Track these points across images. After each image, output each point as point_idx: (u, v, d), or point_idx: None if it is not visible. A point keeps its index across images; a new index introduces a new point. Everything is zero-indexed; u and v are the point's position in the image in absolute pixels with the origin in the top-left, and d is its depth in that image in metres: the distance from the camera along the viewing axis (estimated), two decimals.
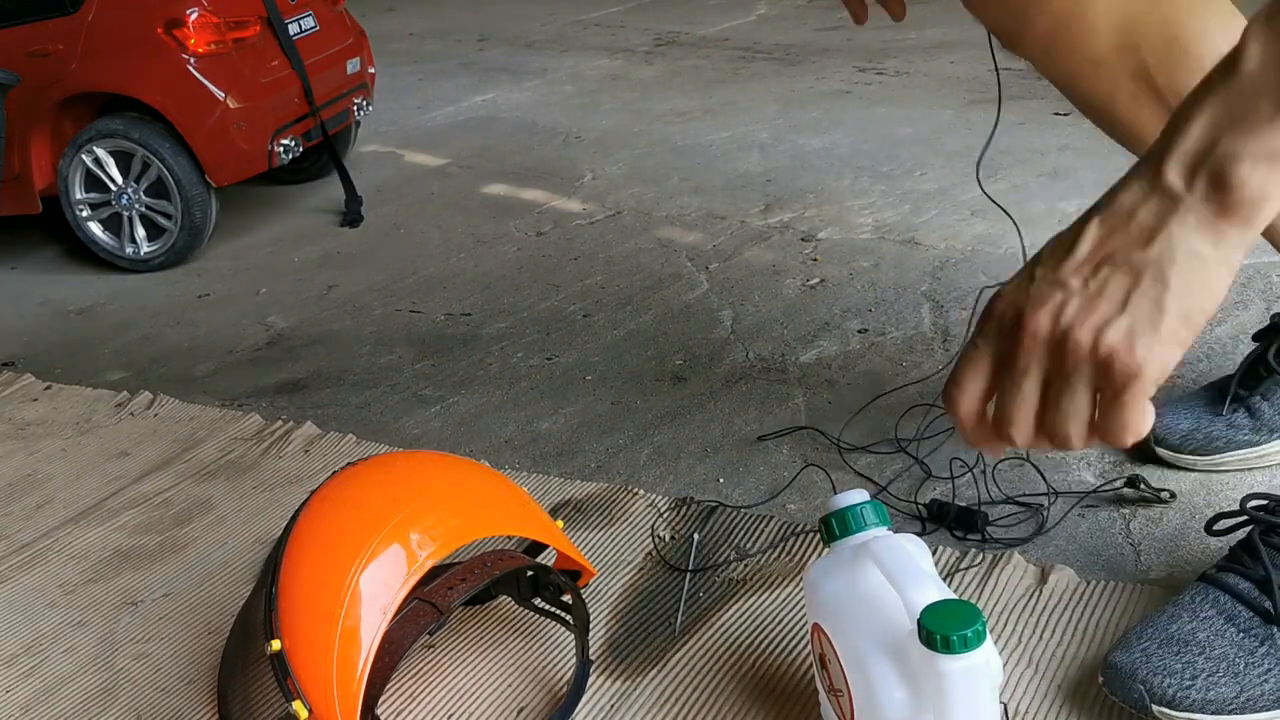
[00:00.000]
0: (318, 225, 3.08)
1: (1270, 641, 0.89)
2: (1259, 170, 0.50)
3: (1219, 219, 0.51)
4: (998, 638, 1.03)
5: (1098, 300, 0.52)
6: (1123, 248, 0.52)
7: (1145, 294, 0.52)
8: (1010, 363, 0.56)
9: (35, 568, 1.40)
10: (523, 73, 4.83)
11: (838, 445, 1.41)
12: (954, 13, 1.20)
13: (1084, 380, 0.53)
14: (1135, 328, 0.51)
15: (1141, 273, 0.52)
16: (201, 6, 2.88)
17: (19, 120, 2.86)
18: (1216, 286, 0.51)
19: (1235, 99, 0.50)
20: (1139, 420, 0.53)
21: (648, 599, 1.16)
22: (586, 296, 2.16)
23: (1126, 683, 0.88)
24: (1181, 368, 1.49)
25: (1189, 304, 0.51)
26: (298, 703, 0.89)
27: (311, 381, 1.95)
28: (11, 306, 2.71)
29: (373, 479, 1.04)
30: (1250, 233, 0.51)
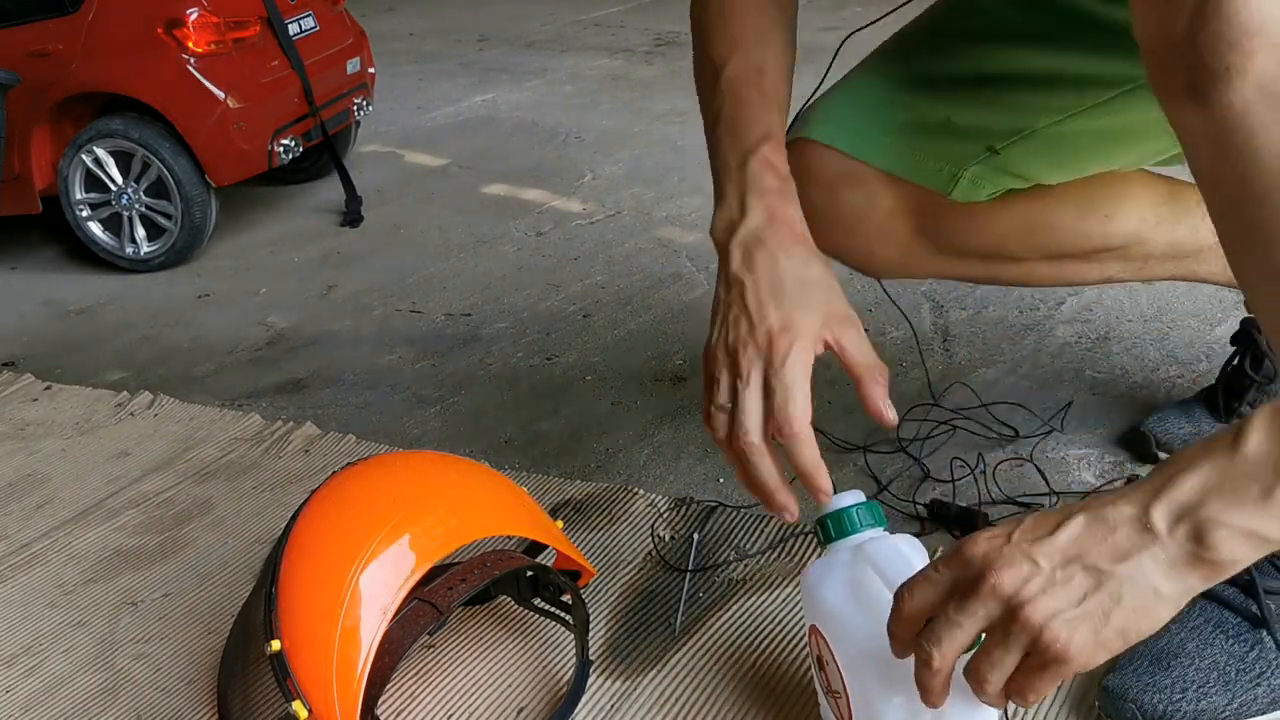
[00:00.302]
0: (318, 225, 3.08)
1: (1259, 646, 0.89)
2: (1234, 540, 0.56)
3: (1185, 567, 0.57)
4: None
5: (1059, 589, 0.58)
6: (1096, 554, 0.58)
7: (1099, 602, 0.58)
8: (961, 602, 0.61)
9: (35, 568, 1.40)
10: (523, 73, 4.84)
11: (838, 445, 1.41)
12: None
13: (1019, 646, 0.59)
14: (1078, 625, 0.58)
15: (1103, 583, 0.58)
16: (201, 6, 2.88)
17: (19, 120, 2.86)
18: (1157, 619, 0.58)
19: (1230, 472, 0.56)
20: (1048, 691, 0.60)
21: (648, 599, 1.16)
22: (586, 296, 2.16)
23: (1119, 704, 0.88)
24: (1181, 369, 1.49)
25: (1130, 625, 0.58)
26: (298, 703, 0.88)
27: (311, 381, 1.95)
28: (11, 306, 2.71)
29: (373, 479, 1.04)
30: (1204, 586, 0.57)
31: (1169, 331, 1.59)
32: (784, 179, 0.84)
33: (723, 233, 0.83)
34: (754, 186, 0.83)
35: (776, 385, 0.75)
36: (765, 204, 0.82)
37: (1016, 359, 1.57)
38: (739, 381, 0.76)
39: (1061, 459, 1.31)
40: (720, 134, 0.88)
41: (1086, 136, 1.02)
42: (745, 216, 0.81)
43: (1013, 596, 0.59)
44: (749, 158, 0.84)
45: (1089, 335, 1.61)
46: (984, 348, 1.61)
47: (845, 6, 5.06)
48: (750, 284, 0.78)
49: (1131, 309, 1.65)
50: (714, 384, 0.78)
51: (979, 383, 1.51)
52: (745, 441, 0.75)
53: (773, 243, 0.79)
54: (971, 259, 1.14)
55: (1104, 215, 1.10)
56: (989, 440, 1.36)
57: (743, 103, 0.88)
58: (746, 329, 0.77)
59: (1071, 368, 1.53)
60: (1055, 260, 1.14)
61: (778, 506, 0.77)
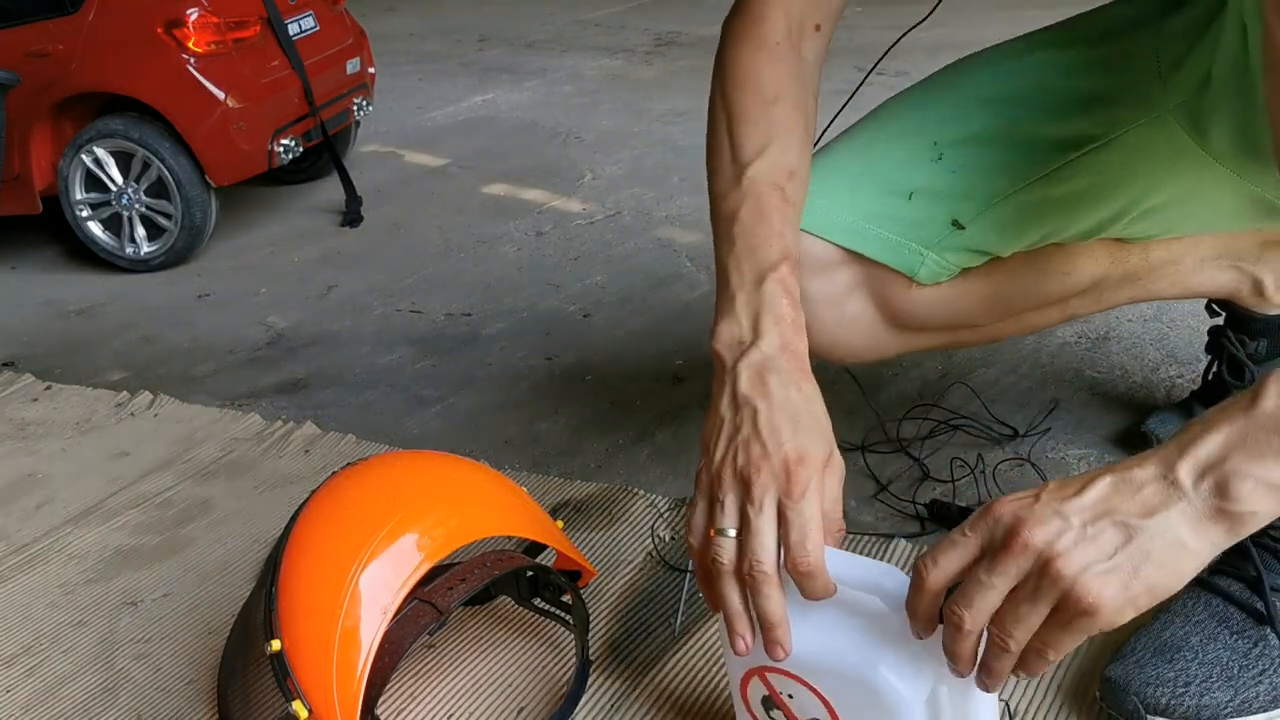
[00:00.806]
0: (318, 225, 3.08)
1: (1263, 643, 0.89)
2: (1257, 491, 0.57)
3: (1210, 520, 0.59)
4: None
5: (1091, 543, 0.59)
6: (1125, 510, 0.60)
7: (1129, 556, 0.59)
8: (993, 560, 0.62)
9: (35, 568, 1.40)
10: (523, 73, 4.84)
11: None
12: (954, 13, 1.20)
13: (1048, 600, 0.60)
14: (1111, 579, 0.59)
15: (1133, 537, 0.59)
16: (201, 6, 2.88)
17: (19, 120, 2.86)
18: (1184, 574, 0.59)
19: (1249, 429, 0.58)
20: (1069, 649, 0.62)
21: (648, 599, 1.16)
22: (586, 296, 2.17)
23: (1120, 696, 0.88)
24: (1181, 369, 1.49)
25: (1158, 580, 0.59)
26: (298, 703, 0.89)
27: (311, 381, 1.96)
28: (11, 306, 2.71)
29: (373, 479, 1.04)
30: (1228, 541, 0.59)
31: (1169, 331, 1.59)
32: (797, 308, 0.82)
33: (729, 350, 0.80)
34: (769, 310, 0.80)
35: (794, 519, 0.71)
36: (779, 332, 0.79)
37: (1016, 359, 1.57)
38: (750, 507, 0.72)
39: (1061, 459, 1.31)
40: (736, 236, 0.84)
41: (1048, 203, 1.03)
42: (758, 340, 0.79)
43: (1045, 550, 0.60)
44: (766, 276, 0.81)
45: (1089, 335, 1.61)
46: (984, 347, 1.61)
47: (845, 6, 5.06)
48: (764, 409, 0.75)
49: (1131, 309, 1.65)
50: (716, 505, 0.75)
51: (979, 383, 1.51)
52: (759, 570, 0.71)
53: (784, 373, 0.77)
54: (933, 332, 1.15)
55: (1062, 274, 1.12)
56: (989, 440, 1.36)
57: (765, 210, 0.85)
58: (760, 453, 0.73)
59: (1071, 368, 1.53)
60: (1019, 315, 1.16)
61: (774, 640, 0.73)
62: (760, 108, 0.89)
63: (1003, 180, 1.03)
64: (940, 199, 1.04)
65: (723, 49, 0.95)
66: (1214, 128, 0.92)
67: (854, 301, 1.08)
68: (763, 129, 0.88)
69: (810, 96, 0.94)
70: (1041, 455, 1.32)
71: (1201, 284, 1.15)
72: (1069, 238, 1.07)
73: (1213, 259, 1.14)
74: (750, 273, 0.82)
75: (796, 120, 0.90)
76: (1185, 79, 0.93)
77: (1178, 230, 1.10)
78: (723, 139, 0.90)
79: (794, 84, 0.91)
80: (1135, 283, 1.14)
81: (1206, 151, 0.94)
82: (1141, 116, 0.97)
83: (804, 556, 0.71)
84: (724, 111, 0.91)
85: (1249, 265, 1.15)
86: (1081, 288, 1.13)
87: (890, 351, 1.15)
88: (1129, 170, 0.99)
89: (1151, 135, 0.97)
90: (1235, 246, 1.13)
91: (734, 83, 0.92)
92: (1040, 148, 1.02)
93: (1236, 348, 1.21)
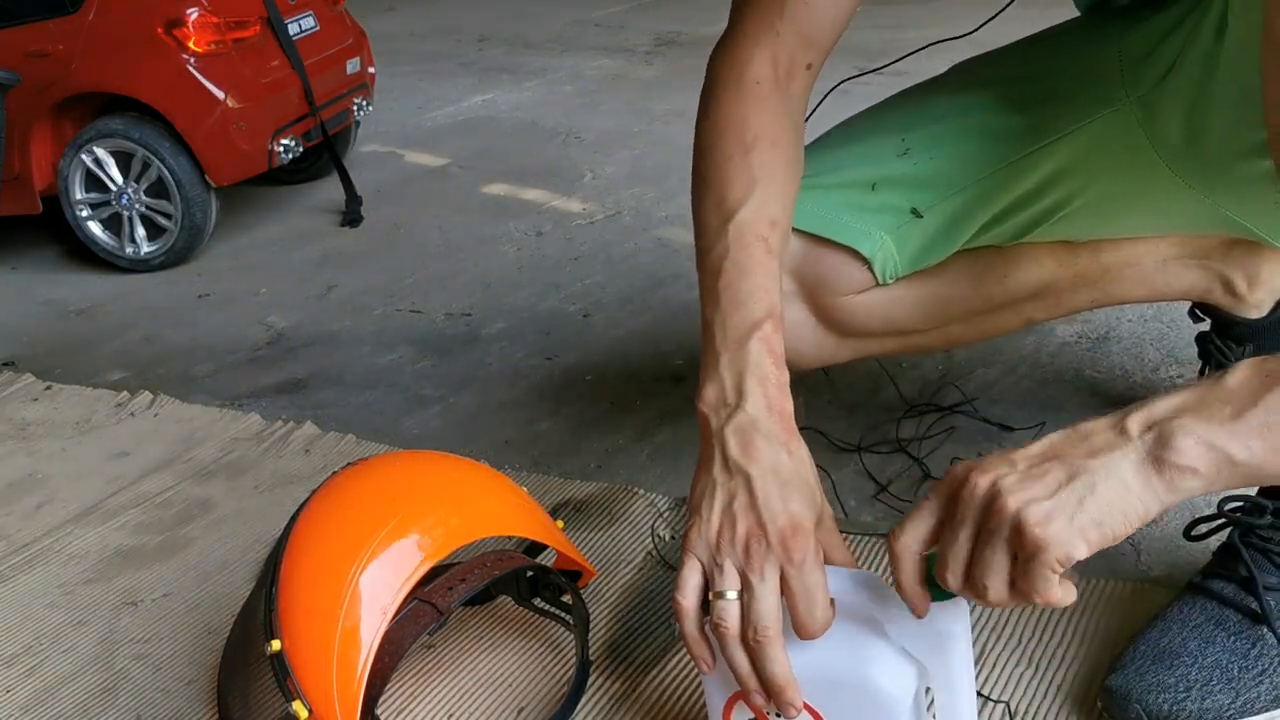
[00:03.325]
0: (318, 225, 3.08)
1: (1261, 642, 0.89)
2: (1198, 449, 0.60)
3: (1150, 468, 0.61)
4: (998, 638, 1.03)
5: (1033, 482, 0.62)
6: (1070, 454, 0.63)
7: (1074, 491, 0.61)
8: (949, 511, 0.66)
9: (35, 568, 1.40)
10: (523, 73, 4.84)
11: (837, 445, 1.41)
12: (954, 13, 1.20)
13: (1002, 540, 0.63)
14: (1053, 511, 0.61)
15: (1077, 475, 0.61)
16: (201, 6, 2.88)
17: (19, 120, 2.86)
18: (1131, 515, 0.61)
19: (1207, 395, 0.62)
20: (1047, 589, 0.62)
21: (648, 599, 1.16)
22: (586, 296, 2.17)
23: (1122, 705, 0.88)
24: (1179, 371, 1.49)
25: (1104, 516, 0.61)
26: (298, 703, 0.89)
27: (311, 381, 1.96)
28: (11, 306, 2.71)
29: (373, 479, 1.04)
30: (1169, 496, 0.61)
31: (1169, 331, 1.59)
32: (782, 367, 0.82)
33: (714, 410, 0.80)
34: (754, 371, 0.80)
35: (799, 588, 0.72)
36: (765, 393, 0.79)
37: (1016, 359, 1.57)
38: (752, 574, 0.73)
39: None
40: (721, 291, 0.84)
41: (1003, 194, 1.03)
42: (743, 402, 0.79)
43: (989, 490, 0.63)
44: (751, 336, 0.81)
45: (1089, 335, 1.61)
46: (984, 347, 1.61)
47: None
48: (757, 475, 0.75)
49: (1131, 308, 1.65)
50: (714, 570, 0.75)
51: (979, 382, 1.51)
52: (766, 635, 0.72)
53: (772, 435, 0.77)
54: (881, 338, 1.14)
55: (1001, 277, 1.11)
56: (989, 440, 1.36)
57: (749, 263, 0.84)
58: (754, 521, 0.74)
59: (1071, 367, 1.53)
60: (968, 320, 1.15)
61: (788, 701, 0.73)
62: (740, 155, 0.88)
63: (963, 171, 1.03)
64: (902, 188, 1.05)
65: (705, 93, 0.94)
66: (1166, 119, 0.92)
67: (791, 309, 1.08)
68: (745, 177, 0.88)
69: (795, 134, 0.93)
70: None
71: (1168, 284, 1.15)
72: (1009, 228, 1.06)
73: (1175, 259, 1.13)
74: (734, 331, 0.82)
75: (779, 164, 0.89)
76: (1147, 72, 0.93)
77: (1125, 231, 1.10)
78: (708, 186, 0.90)
79: (775, 124, 0.91)
80: (1093, 285, 1.14)
81: (1156, 151, 0.94)
82: (1100, 110, 0.97)
83: (813, 623, 0.72)
84: (707, 159, 0.91)
85: (1216, 264, 1.14)
86: (1028, 292, 1.13)
87: (840, 357, 1.16)
88: (1083, 164, 1.00)
89: (1109, 130, 0.97)
90: (1198, 246, 1.12)
91: (716, 130, 0.91)
92: (1001, 140, 1.02)
93: (1224, 356, 1.21)
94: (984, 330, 1.18)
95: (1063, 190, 1.01)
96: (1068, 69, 1.02)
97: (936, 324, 1.14)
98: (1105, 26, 1.03)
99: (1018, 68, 1.08)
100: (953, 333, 1.16)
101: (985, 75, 1.09)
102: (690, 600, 0.76)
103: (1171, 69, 0.90)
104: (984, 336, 1.20)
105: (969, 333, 1.17)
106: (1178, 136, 0.91)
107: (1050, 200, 1.02)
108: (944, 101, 1.09)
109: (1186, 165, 0.93)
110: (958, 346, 1.33)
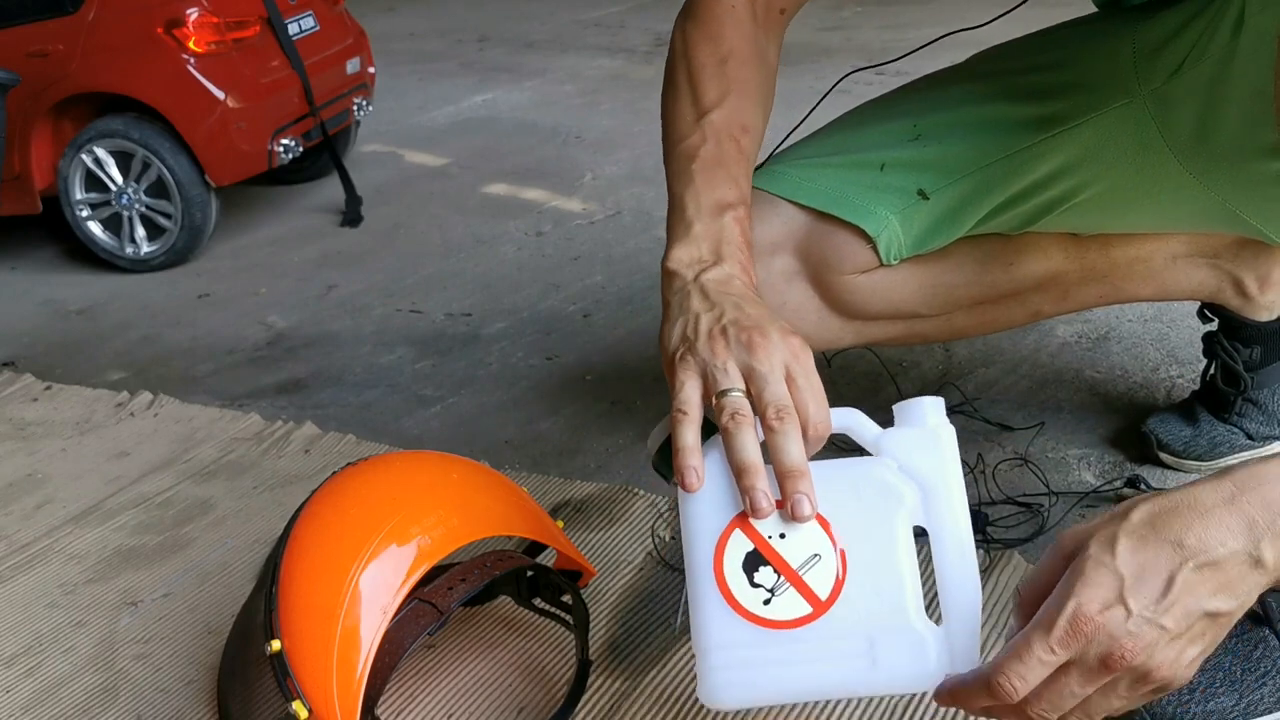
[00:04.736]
0: (318, 225, 3.08)
1: (1263, 644, 0.89)
2: None
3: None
4: (999, 638, 1.03)
5: (1188, 644, 0.60)
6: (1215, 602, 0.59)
7: (1216, 636, 0.60)
8: (1086, 677, 0.61)
9: (35, 568, 1.40)
10: (523, 73, 4.84)
11: (838, 445, 1.40)
12: (954, 13, 1.20)
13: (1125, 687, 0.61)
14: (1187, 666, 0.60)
15: (1219, 622, 0.60)
16: (201, 6, 2.88)
17: (19, 120, 2.86)
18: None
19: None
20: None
21: (648, 599, 1.16)
22: (586, 296, 2.16)
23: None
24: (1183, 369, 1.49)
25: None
26: (298, 703, 0.89)
27: (311, 381, 1.96)
28: (11, 306, 2.71)
29: (373, 479, 1.04)
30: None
31: (1169, 331, 1.59)
32: (750, 250, 0.83)
33: (687, 267, 0.81)
34: (728, 241, 0.81)
35: (807, 384, 0.71)
36: (739, 261, 0.81)
37: (1016, 359, 1.57)
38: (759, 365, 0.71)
39: (1061, 458, 1.31)
40: (695, 173, 0.86)
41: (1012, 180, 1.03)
42: (719, 263, 0.80)
43: (1143, 666, 0.60)
44: (725, 212, 0.83)
45: (1089, 335, 1.61)
46: (984, 347, 1.61)
47: (843, 7, 5.07)
48: (742, 299, 0.76)
49: (1131, 309, 1.65)
50: (711, 373, 0.73)
51: (979, 382, 1.51)
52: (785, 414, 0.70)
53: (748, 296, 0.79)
54: (884, 322, 1.14)
55: (1006, 264, 1.11)
56: (989, 440, 1.36)
57: (724, 157, 0.87)
58: (752, 324, 0.73)
59: (1071, 367, 1.53)
60: (972, 309, 1.15)
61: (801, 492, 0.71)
62: (715, 65, 0.92)
63: (972, 156, 1.03)
64: (910, 170, 1.05)
65: (682, 13, 0.99)
66: (1179, 113, 0.92)
67: (795, 289, 1.08)
68: (719, 85, 0.91)
69: (767, 64, 0.96)
70: (1041, 455, 1.32)
71: (1178, 282, 1.14)
72: (1016, 216, 1.06)
73: (1185, 256, 1.12)
74: (708, 206, 0.83)
75: (752, 80, 0.93)
76: (1161, 65, 0.93)
77: (1132, 226, 1.09)
78: (682, 87, 0.93)
79: (748, 47, 0.94)
80: (1101, 280, 1.14)
81: (1168, 145, 0.94)
82: (1113, 101, 0.97)
83: (822, 421, 0.72)
84: (681, 66, 0.95)
85: (1226, 264, 1.13)
86: (1034, 282, 1.12)
87: (844, 341, 1.15)
88: (1093, 156, 1.00)
89: (1121, 123, 0.97)
90: (1208, 244, 1.12)
91: (691, 41, 0.95)
92: (1013, 129, 1.02)
93: (1231, 357, 1.21)
94: (988, 321, 1.17)
95: (1071, 181, 1.01)
96: (1081, 61, 1.02)
97: (940, 310, 1.13)
98: (1120, 20, 1.02)
99: (1031, 59, 1.08)
100: (957, 321, 1.16)
101: (998, 67, 1.09)
102: (692, 407, 0.73)
103: (1185, 63, 0.90)
104: (989, 328, 1.19)
105: (973, 323, 1.17)
106: (1190, 131, 0.91)
107: (1058, 190, 1.02)
108: (956, 91, 1.09)
109: (1198, 161, 0.93)
110: (962, 337, 1.32)
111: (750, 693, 0.74)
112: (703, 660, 0.73)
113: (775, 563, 0.73)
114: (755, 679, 0.72)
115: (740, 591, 0.73)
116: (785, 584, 0.72)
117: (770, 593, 0.72)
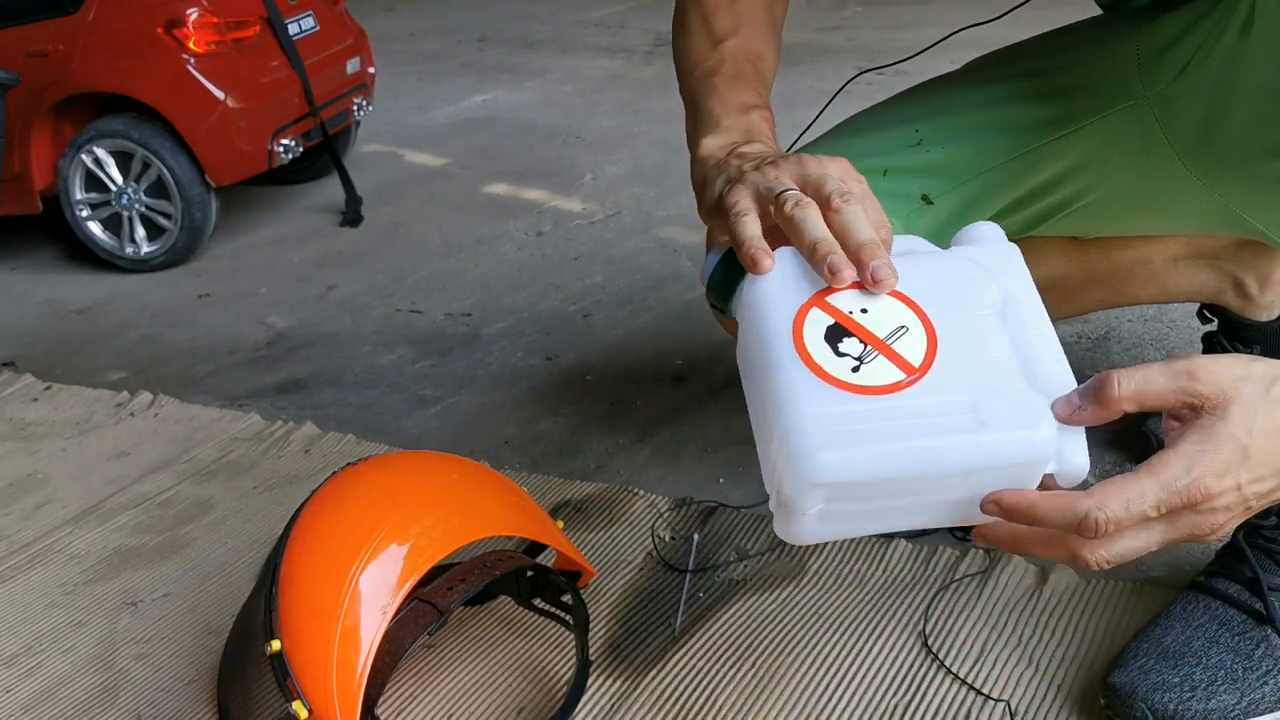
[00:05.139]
0: (318, 225, 3.08)
1: (1265, 643, 0.89)
2: None
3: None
4: (998, 637, 1.03)
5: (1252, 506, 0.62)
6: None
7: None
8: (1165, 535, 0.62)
9: (35, 568, 1.40)
10: (523, 73, 4.83)
11: None
12: (954, 13, 1.20)
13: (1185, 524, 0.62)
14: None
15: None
16: (201, 6, 2.88)
17: (19, 120, 2.86)
18: None
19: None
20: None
21: (648, 599, 1.16)
22: (586, 296, 2.16)
23: (1128, 703, 0.88)
24: None
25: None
26: (298, 703, 0.89)
27: (311, 381, 1.95)
28: (11, 306, 2.71)
29: (373, 479, 1.04)
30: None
31: (1169, 331, 1.59)
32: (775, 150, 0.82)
33: (721, 149, 0.80)
34: (759, 132, 0.81)
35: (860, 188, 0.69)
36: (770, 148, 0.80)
37: None
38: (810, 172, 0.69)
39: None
40: (718, 83, 0.87)
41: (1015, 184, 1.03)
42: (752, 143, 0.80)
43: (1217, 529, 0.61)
44: (752, 111, 0.84)
45: (1089, 335, 1.61)
46: None
47: (845, 6, 5.06)
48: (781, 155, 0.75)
49: (1132, 309, 1.65)
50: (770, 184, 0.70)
51: None
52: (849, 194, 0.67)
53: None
54: None
55: None
56: None
57: (740, 77, 0.89)
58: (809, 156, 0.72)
59: (1071, 368, 1.52)
60: None
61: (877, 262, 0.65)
62: (727, 5, 0.96)
63: (975, 161, 1.03)
64: (913, 175, 1.05)
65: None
66: (1184, 115, 0.92)
67: None
68: (733, 16, 0.95)
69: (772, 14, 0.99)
70: None
71: (1179, 285, 1.14)
72: (1020, 220, 1.06)
73: (1186, 258, 1.12)
74: (734, 106, 0.85)
75: (762, 17, 0.96)
76: (1165, 66, 0.93)
77: (1136, 229, 1.09)
78: (695, 25, 0.97)
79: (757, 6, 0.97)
80: (1103, 284, 1.14)
81: (1172, 147, 0.94)
82: (1117, 104, 0.97)
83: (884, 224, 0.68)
84: (692, 8, 0.98)
85: (1227, 265, 1.13)
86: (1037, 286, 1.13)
87: None
88: (1097, 159, 1.00)
89: (1125, 125, 0.97)
90: (1209, 246, 1.12)
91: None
92: (1016, 133, 1.02)
93: None
94: None
95: (1076, 185, 1.01)
96: (1085, 64, 1.02)
97: None
98: (1124, 22, 1.02)
99: (1033, 62, 1.07)
100: None
101: (1000, 70, 1.09)
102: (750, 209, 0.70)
103: (1190, 64, 0.90)
104: None
105: None
106: (1195, 133, 0.91)
107: (1062, 194, 1.02)
108: (959, 95, 1.09)
109: (1202, 162, 0.93)
110: None
111: (849, 469, 0.63)
112: (792, 436, 0.63)
113: (860, 334, 0.66)
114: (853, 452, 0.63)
115: (825, 360, 0.66)
116: (873, 352, 0.66)
117: (859, 360, 0.66)
